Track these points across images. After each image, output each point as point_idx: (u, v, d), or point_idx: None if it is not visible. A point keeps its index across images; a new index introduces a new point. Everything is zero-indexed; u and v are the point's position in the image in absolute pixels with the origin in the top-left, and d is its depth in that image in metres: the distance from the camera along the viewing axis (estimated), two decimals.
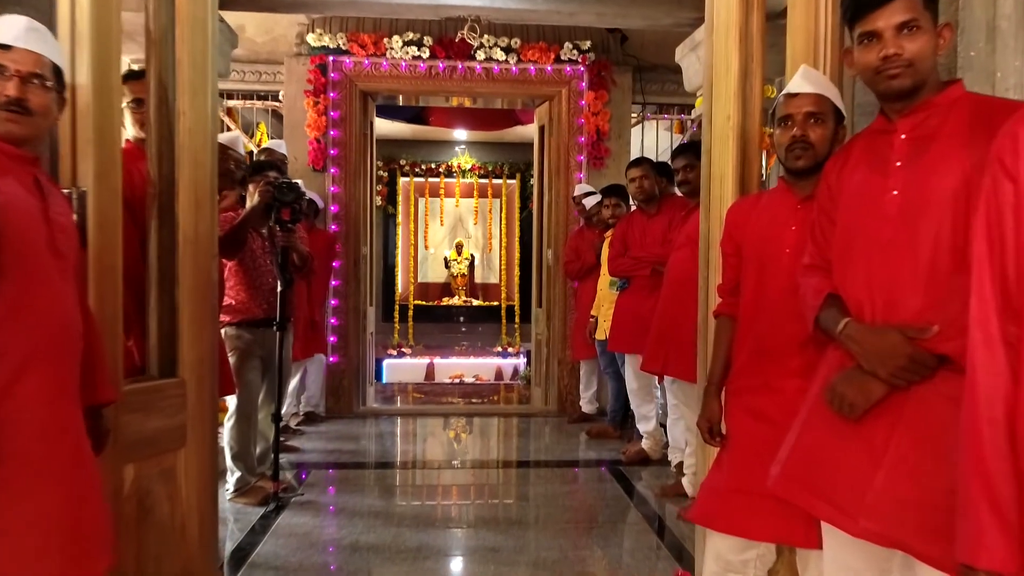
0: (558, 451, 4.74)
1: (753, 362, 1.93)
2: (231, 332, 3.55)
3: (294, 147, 5.62)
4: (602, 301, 4.74)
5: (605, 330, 4.68)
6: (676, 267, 3.52)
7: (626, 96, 5.88)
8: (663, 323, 3.57)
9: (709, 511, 2.01)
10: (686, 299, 3.41)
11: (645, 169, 4.13)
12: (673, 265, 3.57)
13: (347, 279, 5.70)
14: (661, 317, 3.60)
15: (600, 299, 4.77)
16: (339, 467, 4.32)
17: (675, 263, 3.55)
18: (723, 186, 2.39)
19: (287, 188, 3.45)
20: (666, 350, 3.55)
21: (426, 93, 5.88)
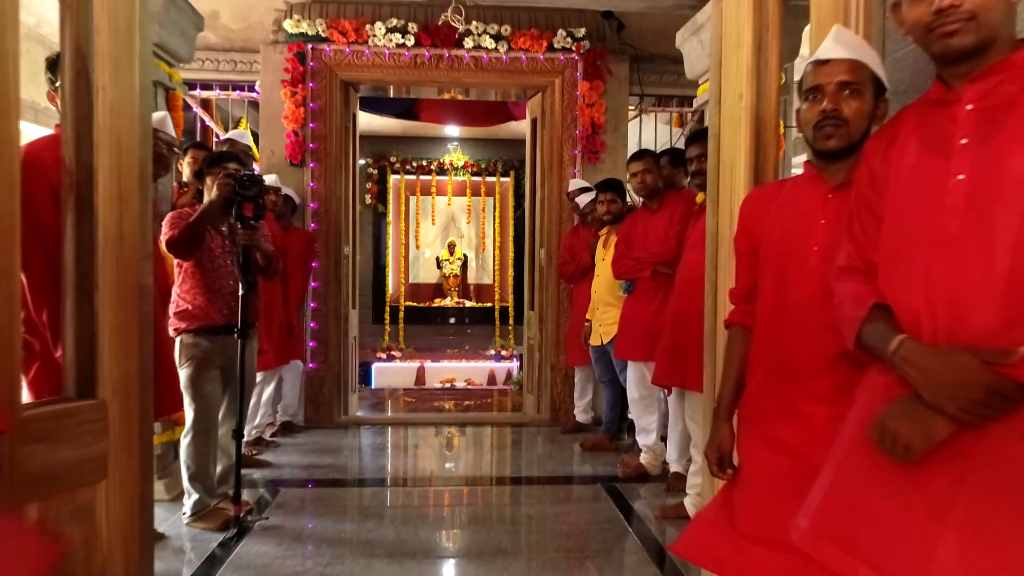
0: (551, 465, 4.42)
1: (772, 382, 1.62)
2: (187, 340, 3.23)
3: (271, 140, 5.32)
4: (597, 304, 4.42)
5: (601, 335, 4.37)
6: (689, 268, 3.20)
7: (623, 87, 5.56)
8: (676, 331, 3.25)
9: (709, 550, 1.69)
10: (703, 303, 3.11)
11: (648, 163, 3.81)
12: (686, 266, 3.25)
13: (327, 280, 5.37)
14: (674, 325, 3.28)
15: (595, 302, 4.46)
16: (313, 485, 3.99)
17: (688, 264, 3.22)
18: (734, 175, 2.08)
19: (249, 181, 3.13)
20: (683, 362, 3.22)
21: (411, 83, 5.56)
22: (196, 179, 3.29)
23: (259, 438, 4.73)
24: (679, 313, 3.27)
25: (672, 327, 3.32)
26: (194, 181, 3.30)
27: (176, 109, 3.84)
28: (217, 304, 3.25)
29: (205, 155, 3.35)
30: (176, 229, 3.07)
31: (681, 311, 3.25)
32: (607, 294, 4.29)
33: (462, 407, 7.18)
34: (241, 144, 3.97)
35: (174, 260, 3.25)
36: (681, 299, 3.26)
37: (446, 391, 8.34)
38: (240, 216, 3.16)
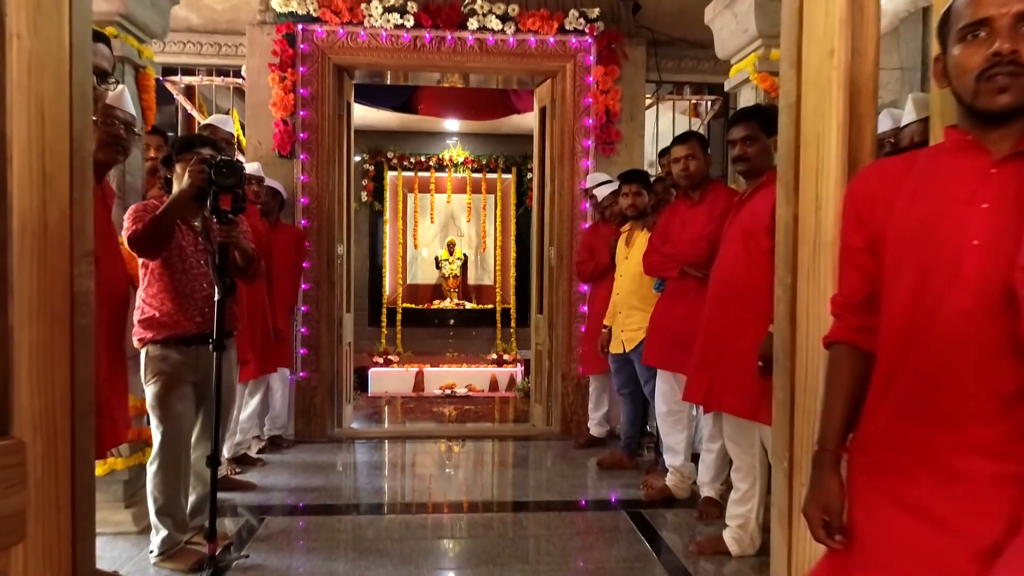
0: (565, 487, 3.99)
1: (910, 425, 1.20)
2: (154, 352, 2.80)
3: (258, 130, 4.89)
4: (619, 307, 4.00)
5: (624, 342, 3.94)
6: (726, 268, 2.79)
7: (639, 72, 5.14)
8: (709, 341, 2.83)
9: None
10: (741, 310, 2.69)
11: (694, 147, 3.37)
12: (722, 266, 2.83)
13: (319, 282, 4.94)
14: (708, 335, 2.86)
15: (616, 305, 4.03)
16: (300, 512, 3.56)
17: (725, 264, 2.81)
18: (821, 153, 1.66)
19: (226, 169, 2.69)
20: (711, 376, 2.81)
21: (411, 68, 5.13)
22: (164, 167, 2.86)
23: (244, 455, 4.30)
24: (714, 321, 2.85)
25: (706, 338, 2.90)
26: (162, 169, 2.87)
27: (147, 90, 3.41)
28: (188, 310, 2.83)
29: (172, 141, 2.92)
30: (140, 223, 2.65)
31: (716, 319, 2.84)
32: (631, 296, 3.87)
33: (464, 417, 6.76)
34: (223, 131, 3.54)
35: (139, 260, 2.82)
36: (717, 303, 2.84)
37: (446, 398, 7.91)
38: (216, 209, 2.72)
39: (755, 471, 2.90)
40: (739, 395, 2.68)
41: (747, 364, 2.62)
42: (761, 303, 2.61)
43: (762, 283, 2.62)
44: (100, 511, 3.24)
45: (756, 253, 2.64)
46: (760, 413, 2.60)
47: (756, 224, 2.65)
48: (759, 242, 2.62)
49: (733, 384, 2.71)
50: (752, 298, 2.64)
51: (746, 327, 2.65)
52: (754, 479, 2.91)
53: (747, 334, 2.64)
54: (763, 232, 2.60)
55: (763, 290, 2.62)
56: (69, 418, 1.57)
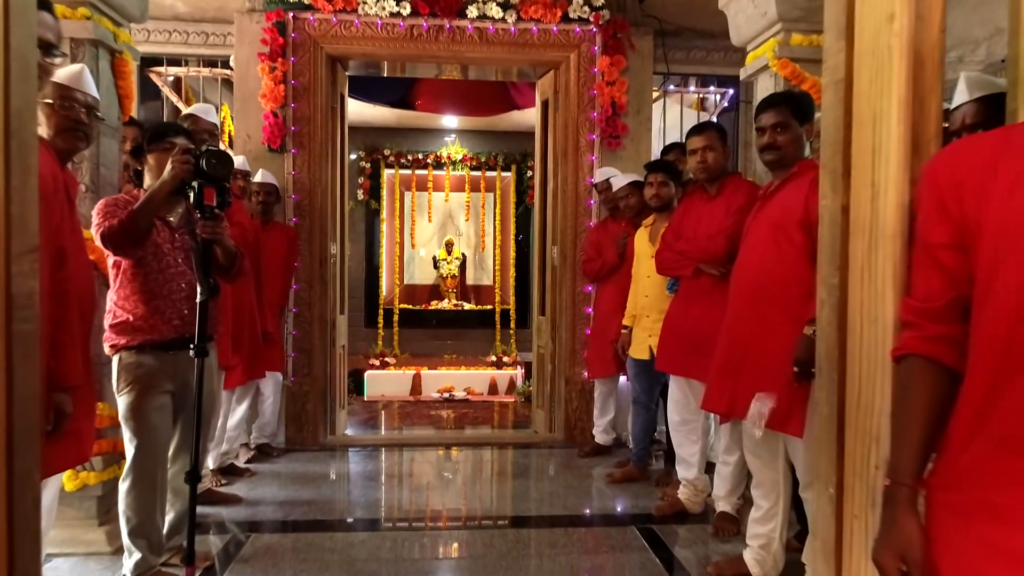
0: (570, 500, 3.76)
1: (1013, 457, 0.98)
2: (128, 359, 2.57)
3: (247, 122, 4.66)
4: (648, 310, 3.71)
5: (651, 347, 3.67)
6: (751, 266, 2.56)
7: (646, 63, 4.92)
8: (733, 345, 2.61)
9: None
10: (770, 311, 2.47)
11: (712, 137, 3.15)
12: (747, 264, 2.60)
13: (311, 282, 4.72)
14: (731, 337, 2.63)
15: (645, 307, 3.74)
16: (288, 528, 3.34)
17: (751, 261, 2.58)
18: (879, 133, 1.44)
19: (217, 160, 2.47)
20: (734, 383, 2.59)
21: (407, 58, 4.90)
22: (133, 158, 2.63)
23: (230, 465, 4.07)
24: (738, 324, 2.62)
25: (729, 341, 2.67)
26: (131, 161, 2.64)
27: (124, 77, 3.18)
28: (166, 313, 2.60)
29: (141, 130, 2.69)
30: (114, 219, 2.42)
31: (741, 321, 2.61)
32: (660, 299, 3.61)
33: (463, 422, 6.54)
34: (205, 121, 3.30)
35: (109, 260, 2.60)
36: (742, 306, 2.62)
37: (444, 402, 7.69)
38: (200, 204, 2.50)
39: (779, 487, 2.68)
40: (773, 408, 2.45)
41: (776, 370, 2.40)
42: (793, 303, 2.39)
43: (793, 281, 2.40)
44: (72, 529, 3.03)
45: (787, 249, 2.42)
46: (790, 424, 2.38)
47: (788, 218, 2.43)
48: (791, 237, 2.41)
49: (760, 391, 2.48)
50: (782, 297, 2.42)
51: (775, 329, 2.43)
52: (777, 496, 2.69)
53: (776, 337, 2.42)
54: (795, 226, 2.39)
55: (794, 289, 2.40)
56: (4, 439, 1.34)
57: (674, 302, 3.38)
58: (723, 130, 3.24)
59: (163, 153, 2.55)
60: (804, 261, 2.37)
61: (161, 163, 2.53)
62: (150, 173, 2.59)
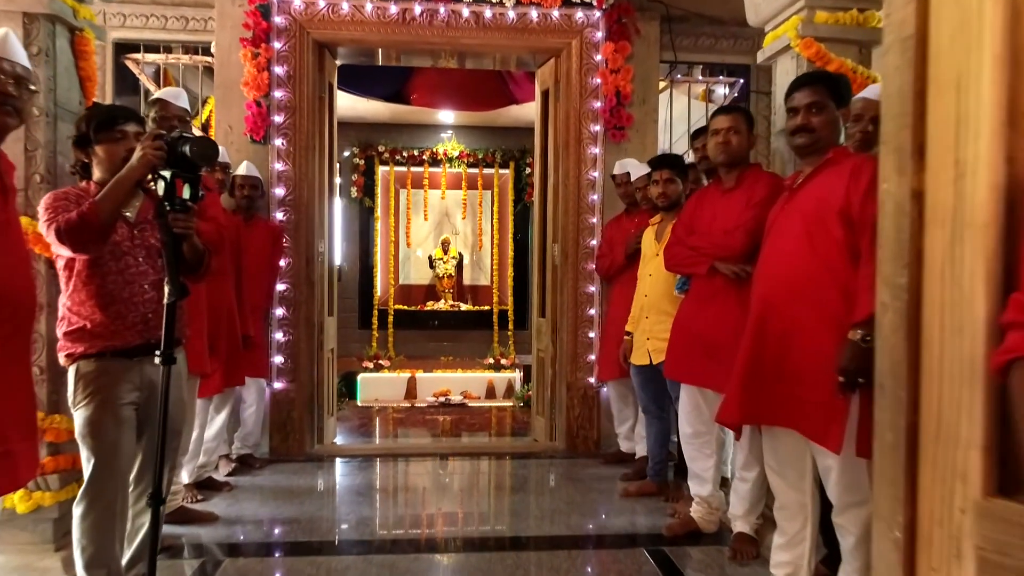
0: (573, 518, 3.48)
1: None
2: (86, 369, 2.30)
3: (228, 112, 4.39)
4: (647, 311, 3.47)
5: (650, 352, 3.43)
6: (780, 264, 2.30)
7: (652, 51, 4.66)
8: (758, 352, 2.33)
9: None
10: (805, 314, 2.20)
11: (738, 120, 2.88)
12: (775, 262, 2.33)
13: (297, 283, 4.44)
14: (755, 343, 2.35)
15: (644, 308, 3.51)
16: (268, 551, 3.06)
17: (780, 259, 2.31)
18: (964, 100, 1.16)
19: (199, 146, 2.20)
20: (760, 394, 2.32)
21: (399, 45, 4.62)
22: (77, 148, 2.36)
23: (209, 479, 3.80)
24: (765, 328, 2.34)
25: (753, 348, 2.40)
26: (76, 152, 2.37)
27: (86, 57, 2.91)
28: (127, 317, 2.33)
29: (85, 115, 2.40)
30: (68, 212, 2.15)
31: (768, 326, 2.32)
32: (661, 299, 3.37)
33: (459, 429, 6.27)
34: (176, 106, 3.01)
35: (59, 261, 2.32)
36: (769, 309, 2.34)
37: (440, 407, 7.41)
38: (171, 195, 2.22)
39: (806, 510, 2.42)
40: (810, 415, 2.18)
41: (812, 378, 2.13)
42: (830, 304, 2.12)
43: (829, 280, 2.14)
44: (25, 555, 2.74)
45: (823, 244, 2.16)
46: (828, 438, 2.12)
47: (824, 209, 2.16)
48: (827, 230, 2.14)
49: (792, 403, 2.22)
50: (818, 298, 2.16)
51: (810, 334, 2.17)
52: (804, 519, 2.42)
53: (812, 342, 2.16)
54: (833, 218, 2.12)
55: (832, 288, 2.13)
56: None
57: (684, 303, 3.11)
58: (751, 117, 2.97)
59: (113, 144, 2.28)
60: (843, 257, 2.11)
61: (112, 154, 2.27)
62: (100, 166, 2.31)
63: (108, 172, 2.25)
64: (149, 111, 2.95)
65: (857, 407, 2.09)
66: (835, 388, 2.06)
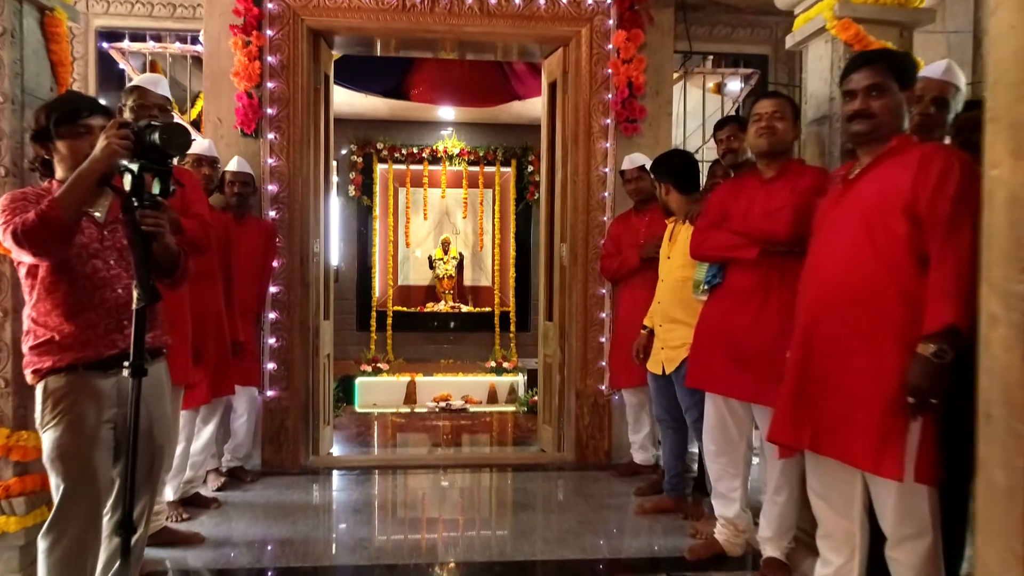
0: (587, 539, 3.22)
1: None
2: (56, 385, 2.05)
3: (218, 104, 4.15)
4: (661, 318, 3.24)
5: (663, 362, 3.20)
6: (833, 265, 2.05)
7: (666, 40, 4.41)
8: (810, 364, 2.09)
9: None
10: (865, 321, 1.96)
11: (783, 105, 2.64)
12: (826, 261, 2.08)
13: (291, 284, 4.19)
14: (807, 354, 2.10)
15: (657, 315, 3.28)
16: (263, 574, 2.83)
17: (832, 259, 2.06)
18: None
19: (169, 134, 1.96)
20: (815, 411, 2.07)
21: (399, 34, 4.37)
22: (36, 143, 2.12)
23: (196, 495, 3.56)
24: (819, 336, 2.07)
25: (804, 359, 2.13)
26: (35, 147, 2.13)
27: (58, 40, 2.67)
28: (99, 326, 2.09)
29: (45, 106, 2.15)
30: (25, 215, 1.91)
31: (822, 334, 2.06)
32: (673, 306, 3.12)
33: (461, 437, 6.03)
34: (155, 94, 2.77)
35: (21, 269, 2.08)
36: (824, 314, 2.07)
37: (441, 412, 7.17)
38: (139, 190, 1.98)
39: (854, 540, 2.17)
40: (862, 438, 1.93)
41: (869, 396, 1.89)
42: (893, 312, 1.88)
43: (893, 284, 1.90)
44: None
45: (885, 244, 1.92)
46: (883, 463, 1.88)
47: (887, 204, 1.92)
48: (890, 228, 1.90)
49: (839, 426, 1.97)
50: (879, 305, 1.92)
51: (869, 345, 1.93)
52: (852, 550, 2.18)
53: (870, 355, 1.92)
54: (897, 214, 1.88)
55: (895, 294, 1.89)
56: None
57: (712, 303, 2.84)
58: (797, 106, 2.72)
59: (77, 139, 2.04)
60: (908, 259, 1.87)
61: (76, 151, 2.03)
62: (62, 164, 2.07)
63: (71, 171, 2.01)
64: (126, 100, 2.71)
65: (917, 427, 1.86)
66: (893, 409, 1.82)
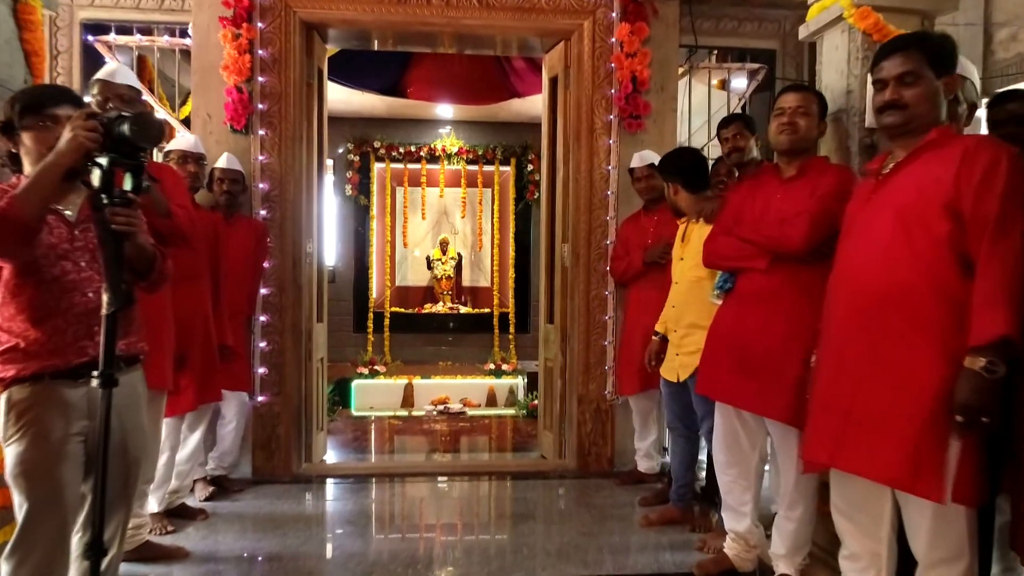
0: (590, 555, 3.07)
1: None
2: (20, 396, 1.91)
3: (207, 99, 4.00)
4: (676, 323, 3.08)
5: (678, 369, 3.05)
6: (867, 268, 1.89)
7: (671, 33, 4.27)
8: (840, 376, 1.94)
9: None
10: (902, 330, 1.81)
11: (810, 100, 2.48)
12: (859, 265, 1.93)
13: (283, 286, 4.04)
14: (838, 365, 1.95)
15: (671, 320, 3.13)
16: None
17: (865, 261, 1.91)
18: None
19: (139, 125, 1.81)
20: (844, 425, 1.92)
21: (395, 27, 4.22)
22: (4, 137, 1.97)
23: (182, 506, 3.41)
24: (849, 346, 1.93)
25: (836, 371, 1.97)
26: (2, 141, 1.98)
27: (32, 28, 2.54)
28: (67, 333, 1.94)
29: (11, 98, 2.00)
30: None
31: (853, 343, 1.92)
32: (688, 310, 2.98)
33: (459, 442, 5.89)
34: (120, 85, 2.60)
35: None
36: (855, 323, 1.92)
37: (439, 416, 7.02)
38: (108, 185, 1.83)
39: (880, 561, 2.03)
40: (897, 454, 1.78)
41: (912, 408, 1.75)
42: (934, 320, 1.74)
43: (933, 290, 1.75)
44: None
45: (927, 246, 1.77)
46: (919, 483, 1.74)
47: (926, 201, 1.77)
48: (930, 228, 1.75)
49: (885, 437, 1.81)
50: (919, 312, 1.77)
51: (911, 354, 1.78)
52: (879, 572, 2.04)
53: (912, 364, 1.77)
54: (938, 212, 1.73)
55: (936, 301, 1.74)
56: None
57: (724, 308, 2.70)
58: (824, 100, 2.57)
59: (42, 131, 1.90)
60: (950, 262, 1.72)
61: (41, 144, 1.89)
62: (28, 157, 1.93)
63: (39, 164, 1.86)
64: (91, 92, 2.56)
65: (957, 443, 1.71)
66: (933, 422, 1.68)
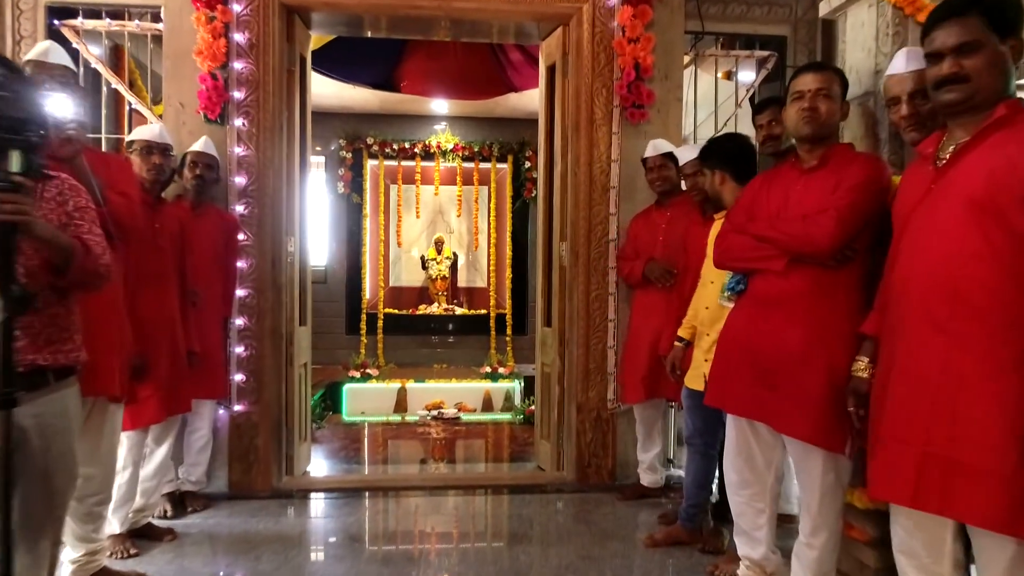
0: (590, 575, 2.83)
1: None
2: None
3: (180, 86, 3.73)
4: (707, 327, 2.83)
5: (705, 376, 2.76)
6: (934, 269, 1.62)
7: (676, 17, 4.00)
8: (910, 399, 1.66)
9: None
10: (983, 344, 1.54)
11: (831, 80, 2.20)
12: (927, 266, 1.64)
13: (261, 287, 3.78)
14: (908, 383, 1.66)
15: (703, 324, 2.87)
16: None
17: (933, 262, 1.62)
18: None
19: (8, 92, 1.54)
20: (924, 455, 1.63)
21: (384, 11, 3.96)
22: None
23: (148, 526, 3.14)
24: (914, 361, 1.66)
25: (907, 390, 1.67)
26: None
27: None
28: None
29: None
30: None
31: (919, 358, 1.65)
32: (722, 312, 2.70)
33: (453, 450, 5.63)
34: (54, 65, 2.39)
35: None
36: (919, 333, 1.66)
37: (433, 422, 6.75)
38: None
39: None
40: (987, 489, 1.51)
41: (1003, 436, 1.49)
42: (1020, 330, 1.47)
43: (1018, 294, 1.48)
44: None
45: (1006, 243, 1.50)
46: (1019, 522, 1.47)
47: (1002, 190, 1.49)
48: (1008, 222, 1.48)
49: (968, 470, 1.53)
50: (1000, 322, 1.51)
51: (997, 371, 1.52)
52: None
53: (999, 384, 1.51)
54: (1018, 203, 1.46)
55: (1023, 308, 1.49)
56: None
57: (736, 312, 2.44)
58: (846, 79, 2.30)
59: None
60: None
61: None
62: None
63: None
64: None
65: None
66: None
